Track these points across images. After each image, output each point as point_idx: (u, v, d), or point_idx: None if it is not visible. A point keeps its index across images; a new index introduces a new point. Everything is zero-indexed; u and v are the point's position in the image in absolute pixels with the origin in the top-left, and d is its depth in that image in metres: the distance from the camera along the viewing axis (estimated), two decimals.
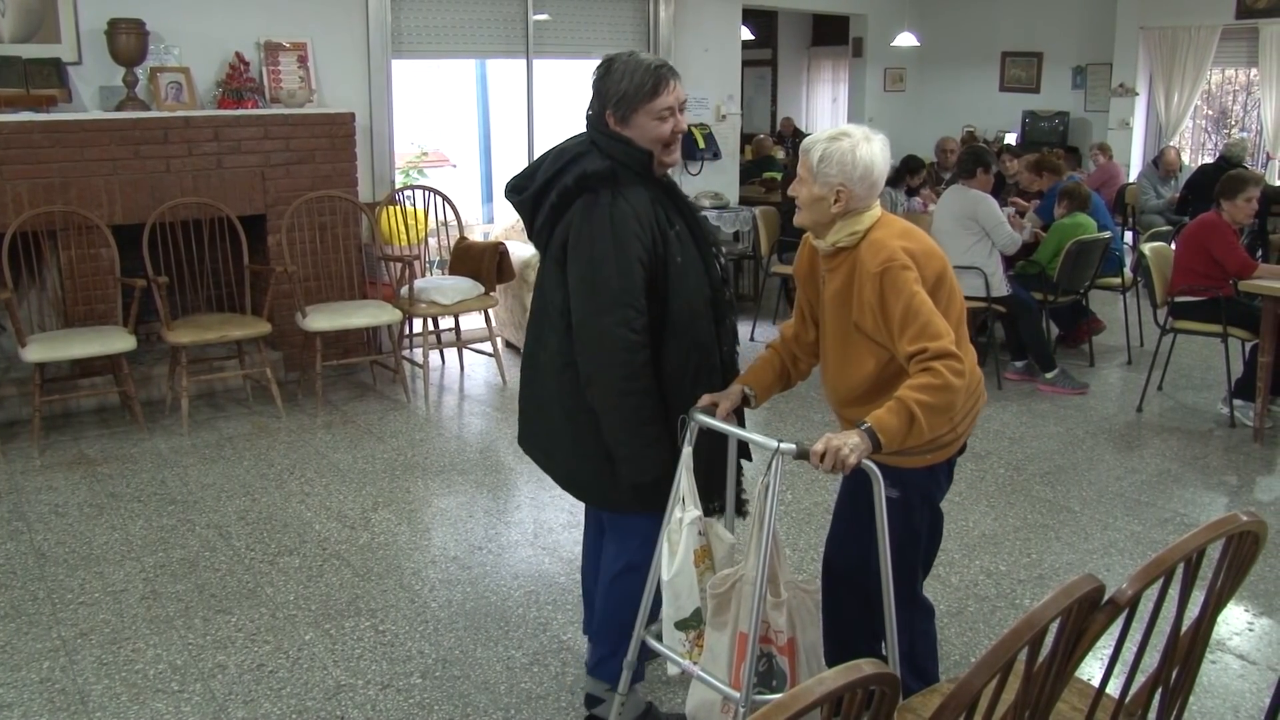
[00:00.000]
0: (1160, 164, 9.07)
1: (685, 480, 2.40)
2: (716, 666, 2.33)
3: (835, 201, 2.33)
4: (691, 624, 2.42)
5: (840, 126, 2.38)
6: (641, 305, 2.42)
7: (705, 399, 2.45)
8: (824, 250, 2.43)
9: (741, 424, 2.52)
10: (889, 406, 2.18)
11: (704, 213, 7.62)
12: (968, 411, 2.47)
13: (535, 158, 2.66)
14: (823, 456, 2.12)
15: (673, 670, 2.51)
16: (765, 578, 2.19)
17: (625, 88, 2.45)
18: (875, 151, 2.33)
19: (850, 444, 2.12)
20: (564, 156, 2.54)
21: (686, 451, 2.40)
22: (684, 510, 2.42)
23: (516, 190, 2.61)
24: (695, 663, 2.39)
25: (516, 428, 2.95)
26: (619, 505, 2.61)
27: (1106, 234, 6.25)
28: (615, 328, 2.40)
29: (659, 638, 2.52)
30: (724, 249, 2.86)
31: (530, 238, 2.65)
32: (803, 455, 2.15)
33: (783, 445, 2.16)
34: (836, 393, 2.52)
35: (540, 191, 2.53)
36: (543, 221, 2.54)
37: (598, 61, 2.58)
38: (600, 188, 2.44)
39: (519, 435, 2.90)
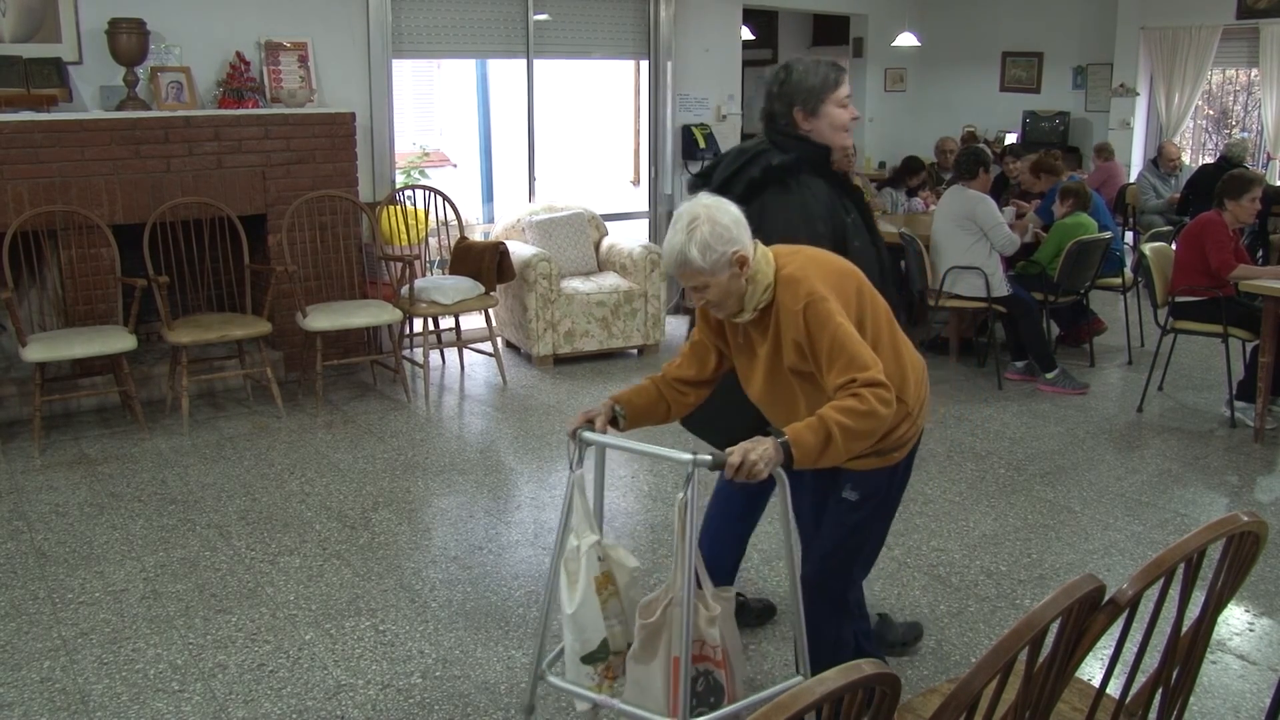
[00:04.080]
0: (1160, 160, 9.06)
1: (579, 504, 2.31)
2: (648, 697, 2.23)
3: (742, 268, 2.26)
4: (599, 656, 2.31)
5: (679, 218, 2.27)
6: None
7: (580, 415, 2.39)
8: (749, 320, 2.34)
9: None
10: (809, 423, 2.16)
11: None
12: (920, 401, 2.47)
13: (726, 159, 2.91)
14: (737, 468, 2.10)
15: (582, 707, 2.40)
16: (693, 596, 2.14)
17: (813, 83, 2.76)
18: (722, 202, 2.28)
19: (765, 457, 2.10)
20: (744, 155, 2.83)
21: (578, 474, 2.32)
22: (580, 537, 2.30)
23: (705, 181, 2.86)
24: (608, 695, 2.29)
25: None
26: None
27: (1107, 234, 6.25)
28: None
29: (550, 668, 2.42)
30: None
31: None
32: (718, 466, 2.12)
33: (698, 458, 2.11)
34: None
35: (723, 186, 2.76)
36: None
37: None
38: (787, 177, 2.72)
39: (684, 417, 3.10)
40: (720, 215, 2.25)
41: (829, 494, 2.54)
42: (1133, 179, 9.34)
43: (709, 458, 2.11)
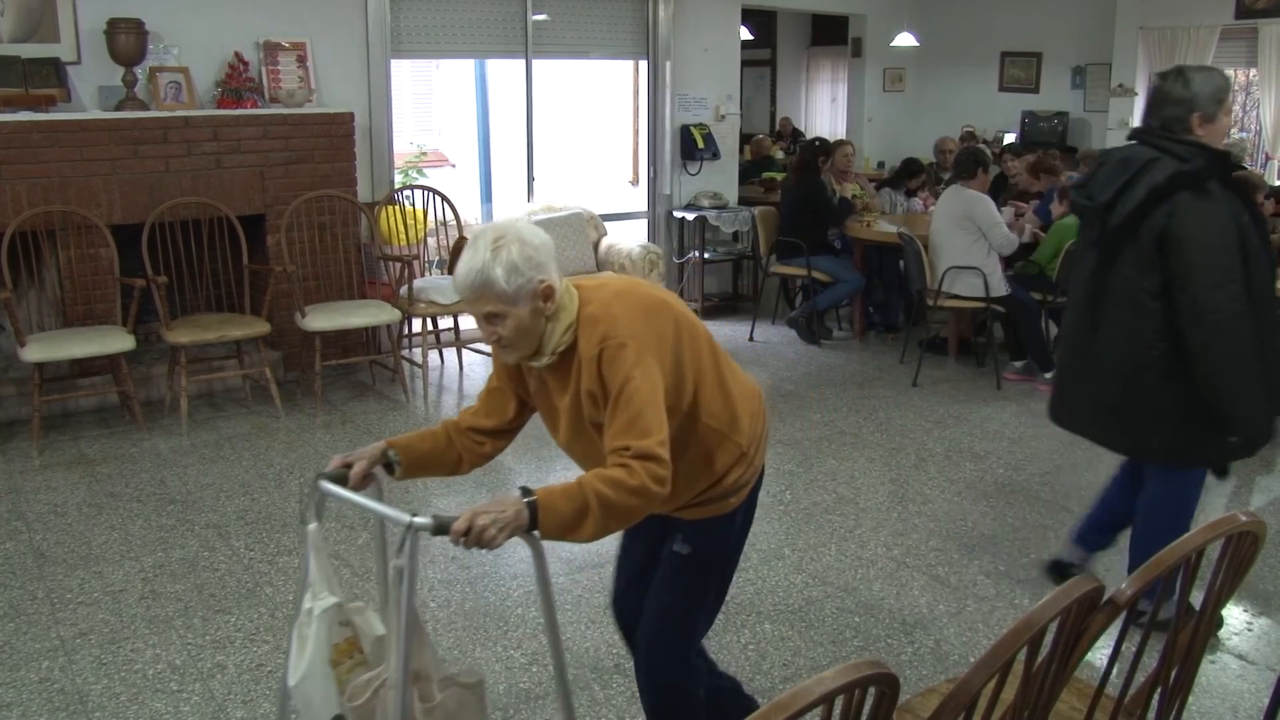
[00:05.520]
0: None
1: (314, 562, 2.05)
2: None
3: (546, 302, 1.98)
4: None
5: (481, 234, 2.00)
6: (1244, 280, 2.81)
7: (336, 460, 2.14)
8: (548, 364, 2.05)
9: (379, 494, 2.16)
10: (567, 488, 1.88)
11: (702, 213, 7.64)
12: (755, 439, 2.24)
13: (1105, 170, 3.01)
14: (466, 534, 1.84)
15: None
16: (407, 680, 1.89)
17: (1211, 90, 2.89)
18: (531, 228, 2.03)
19: (501, 521, 1.83)
20: (1130, 166, 2.91)
21: (312, 529, 2.08)
22: (314, 599, 2.02)
23: (1089, 198, 3.01)
24: None
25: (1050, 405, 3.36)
26: (1185, 461, 3.13)
27: None
28: (1230, 301, 2.79)
29: None
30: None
31: (1097, 237, 3.03)
32: (441, 531, 1.85)
33: (416, 520, 1.86)
34: None
35: (1118, 195, 2.90)
36: (1122, 220, 2.91)
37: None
38: (1199, 182, 2.83)
39: (1055, 413, 3.35)
40: (530, 237, 1.98)
41: (660, 543, 2.31)
42: None
43: (429, 521, 1.85)
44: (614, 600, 2.50)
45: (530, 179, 7.32)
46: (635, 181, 8.18)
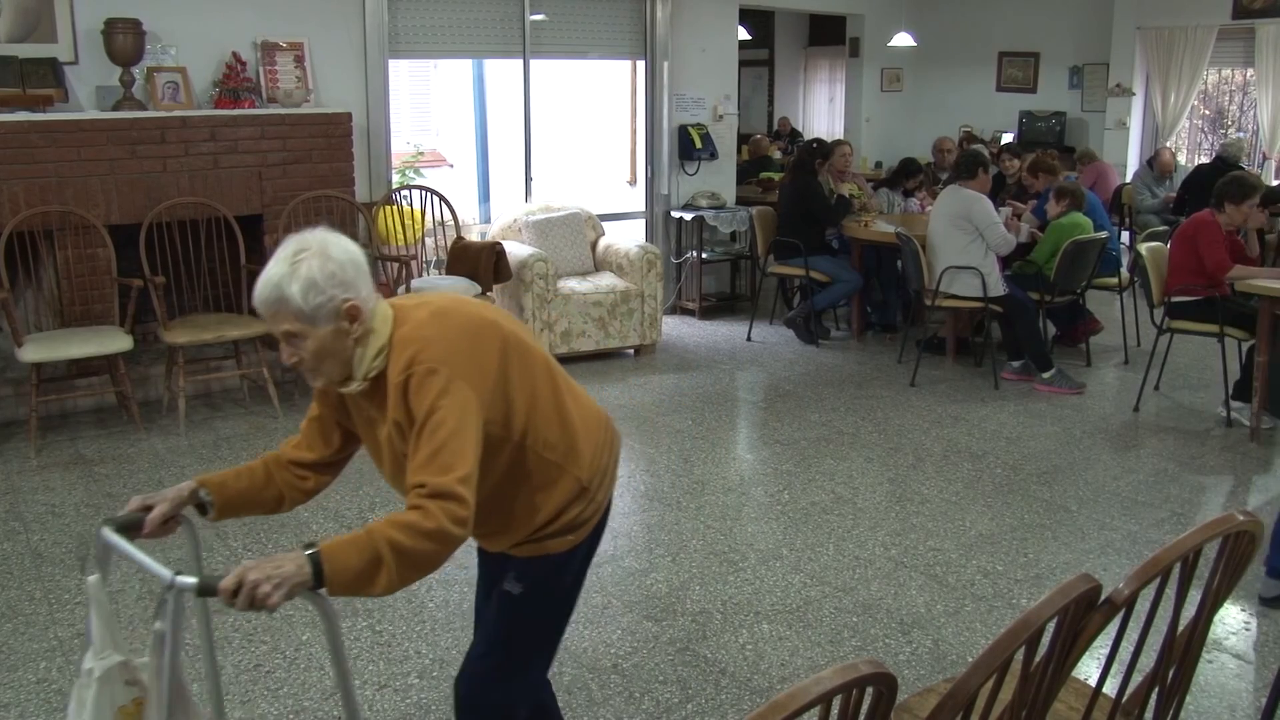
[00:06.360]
0: (1155, 165, 9.08)
1: (95, 618, 1.85)
2: None
3: (351, 323, 1.83)
4: None
5: (284, 246, 1.86)
6: None
7: (136, 501, 1.98)
8: (360, 390, 1.90)
9: (195, 539, 2.02)
10: (355, 538, 1.70)
11: (700, 213, 7.64)
12: (599, 472, 2.07)
13: None
14: (235, 593, 1.63)
15: None
16: None
17: None
18: (339, 240, 1.87)
19: (278, 577, 1.63)
20: None
21: (93, 581, 1.87)
22: (95, 658, 1.84)
23: None
24: None
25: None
26: None
27: (1103, 234, 6.25)
28: None
29: None
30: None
31: None
32: (208, 592, 1.67)
33: (179, 580, 1.68)
34: None
35: None
36: None
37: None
38: None
39: (1276, 403, 3.46)
40: (336, 251, 1.83)
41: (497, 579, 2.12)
42: (1128, 179, 9.36)
43: (193, 581, 1.67)
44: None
45: (528, 179, 7.32)
46: (633, 182, 8.18)
